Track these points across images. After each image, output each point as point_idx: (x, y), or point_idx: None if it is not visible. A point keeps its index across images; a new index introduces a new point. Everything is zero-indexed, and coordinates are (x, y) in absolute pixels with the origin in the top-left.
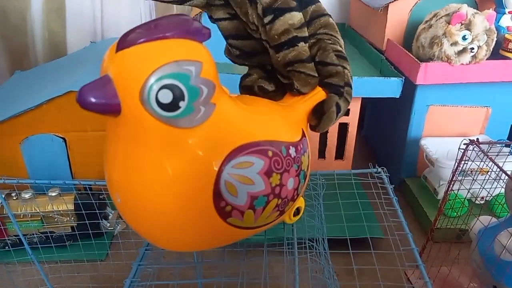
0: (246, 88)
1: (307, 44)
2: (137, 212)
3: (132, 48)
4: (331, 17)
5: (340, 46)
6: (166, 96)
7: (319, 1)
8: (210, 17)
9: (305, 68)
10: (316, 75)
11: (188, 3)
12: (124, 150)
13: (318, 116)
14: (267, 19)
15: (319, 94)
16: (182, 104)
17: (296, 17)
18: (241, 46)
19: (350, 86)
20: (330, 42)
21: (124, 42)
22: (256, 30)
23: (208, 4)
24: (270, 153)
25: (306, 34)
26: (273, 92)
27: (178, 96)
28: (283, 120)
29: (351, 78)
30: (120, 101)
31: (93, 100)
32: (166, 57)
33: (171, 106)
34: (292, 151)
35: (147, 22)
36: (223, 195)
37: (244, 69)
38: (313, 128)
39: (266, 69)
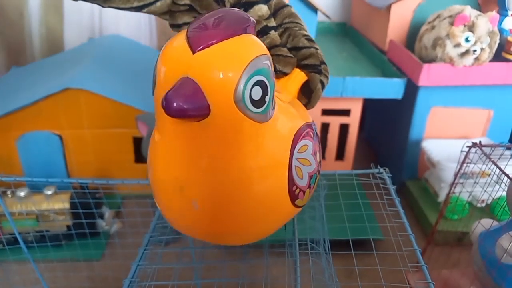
0: None
1: (277, 33)
2: (219, 215)
3: (212, 48)
4: (292, 7)
5: (306, 31)
6: (257, 93)
7: None
8: (173, 25)
9: (281, 51)
10: (293, 56)
11: (146, 9)
12: (208, 153)
13: (307, 95)
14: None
15: (299, 76)
16: (267, 99)
17: (263, 8)
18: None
19: (325, 64)
20: (297, 28)
21: (200, 42)
22: None
23: (171, 11)
24: (312, 134)
25: (274, 24)
26: None
27: (264, 91)
28: (298, 103)
29: (324, 57)
30: (210, 103)
31: (185, 106)
32: (249, 54)
33: (260, 102)
34: (315, 128)
35: (204, 16)
36: (294, 180)
37: None
38: (304, 106)
39: None
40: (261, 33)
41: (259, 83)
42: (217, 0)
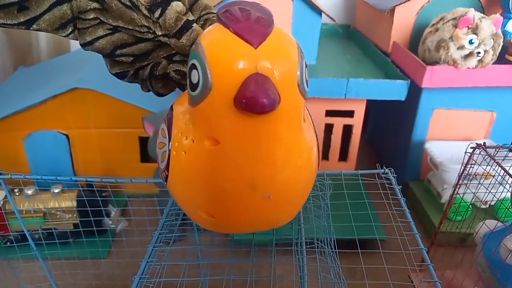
0: (161, 77)
1: (199, 25)
2: (288, 198)
3: (268, 41)
4: None
5: None
6: (307, 73)
7: None
8: (85, 44)
9: None
10: None
11: (35, 25)
12: (279, 143)
13: None
14: (156, 14)
15: None
16: (307, 77)
17: (180, 4)
18: (133, 51)
19: None
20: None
21: (258, 37)
22: (148, 31)
23: (79, 29)
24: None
25: (193, 17)
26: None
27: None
28: None
29: None
30: (280, 93)
31: (266, 102)
32: (294, 40)
33: (307, 81)
34: None
35: (229, 11)
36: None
37: None
38: None
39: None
40: (185, 28)
41: (306, 63)
42: (130, 6)
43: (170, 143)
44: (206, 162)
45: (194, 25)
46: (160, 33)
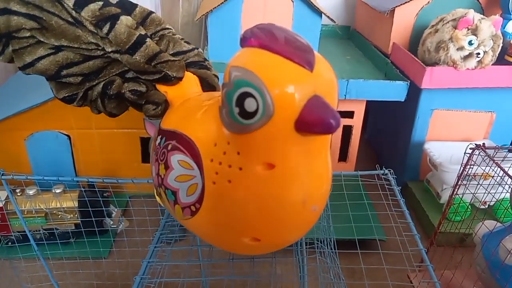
0: (115, 96)
1: (154, 41)
2: (322, 209)
3: (318, 64)
4: (155, 12)
5: (178, 35)
6: None
7: (138, 4)
8: (24, 66)
9: (167, 56)
10: (179, 59)
11: None
12: (324, 159)
13: (213, 90)
14: (105, 29)
15: (192, 78)
16: None
17: (129, 19)
18: (82, 70)
19: (208, 60)
20: (172, 34)
21: (311, 61)
22: (97, 48)
23: (14, 50)
24: None
25: (145, 32)
26: (146, 93)
27: None
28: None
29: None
30: None
31: (333, 123)
32: (328, 61)
33: None
34: None
35: (273, 36)
36: None
37: None
38: None
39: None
40: (138, 43)
41: None
42: (73, 22)
43: (203, 175)
44: (258, 187)
45: (148, 40)
46: (110, 50)
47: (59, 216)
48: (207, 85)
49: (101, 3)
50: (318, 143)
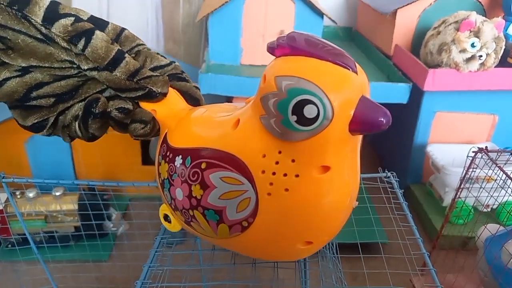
0: (101, 115)
1: (131, 57)
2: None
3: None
4: (127, 29)
5: (151, 49)
6: None
7: (109, 21)
8: None
9: (149, 72)
10: (160, 74)
11: None
12: (358, 156)
13: (197, 104)
14: (80, 45)
15: (173, 92)
16: None
17: (104, 35)
18: (54, 90)
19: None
20: (147, 49)
21: (354, 64)
22: (71, 66)
23: None
24: None
25: (120, 48)
26: (132, 110)
27: None
28: None
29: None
30: None
31: (384, 120)
32: None
33: None
34: None
35: (320, 47)
36: None
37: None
38: None
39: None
40: (118, 59)
41: None
42: (43, 39)
43: (256, 188)
44: (315, 192)
45: (127, 55)
46: (86, 67)
47: (59, 219)
48: (190, 98)
49: (72, 18)
50: (358, 141)
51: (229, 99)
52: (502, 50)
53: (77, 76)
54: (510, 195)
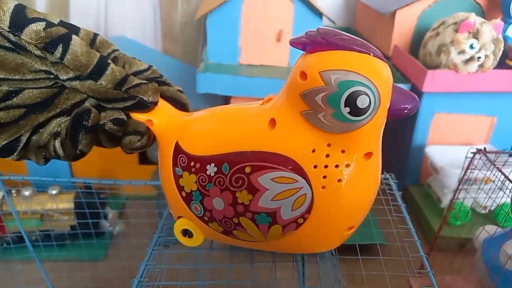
0: (92, 129)
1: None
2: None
3: None
4: (99, 35)
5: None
6: None
7: (79, 27)
8: None
9: (137, 80)
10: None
11: None
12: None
13: (185, 109)
14: (57, 53)
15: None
16: None
17: (81, 40)
18: (24, 101)
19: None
20: (123, 54)
21: (383, 56)
22: (48, 76)
23: None
24: None
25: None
26: (127, 121)
27: None
28: None
29: None
30: None
31: (417, 105)
32: None
33: None
34: None
35: (352, 42)
36: None
37: (250, 70)
38: None
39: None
40: (102, 66)
41: None
42: (12, 48)
43: (311, 183)
44: (363, 178)
45: (110, 62)
46: (66, 77)
47: (55, 218)
48: (176, 103)
49: (43, 23)
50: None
51: (227, 99)
52: (501, 52)
53: (52, 87)
54: (508, 196)
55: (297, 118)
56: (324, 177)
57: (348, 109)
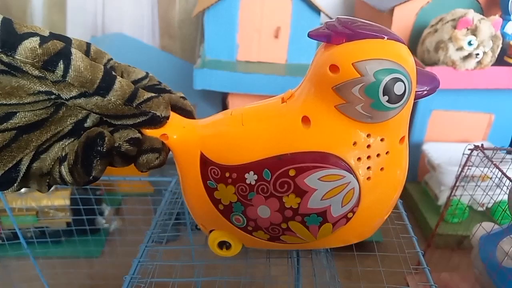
0: (109, 153)
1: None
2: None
3: None
4: (92, 44)
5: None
6: None
7: (70, 37)
8: None
9: (146, 93)
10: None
11: None
12: None
13: (191, 116)
14: (59, 71)
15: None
16: None
17: (80, 52)
18: (15, 125)
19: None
20: (118, 62)
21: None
22: (48, 97)
23: None
24: None
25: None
26: (141, 139)
27: None
28: None
29: None
30: None
31: (438, 85)
32: None
33: None
34: None
35: (375, 29)
36: None
37: (253, 66)
38: None
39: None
40: (108, 81)
41: None
42: (7, 70)
43: (357, 176)
44: (400, 162)
45: (115, 74)
46: (69, 96)
47: (51, 214)
48: (182, 111)
49: (37, 38)
50: None
51: (224, 95)
52: (499, 49)
53: (47, 106)
54: (505, 193)
55: (332, 112)
56: (368, 168)
57: (386, 98)
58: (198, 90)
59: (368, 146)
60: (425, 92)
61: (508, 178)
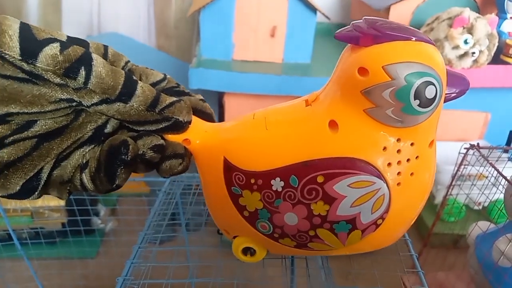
0: (133, 161)
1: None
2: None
3: None
4: (110, 47)
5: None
6: None
7: (86, 40)
8: None
9: (168, 97)
10: (180, 98)
11: None
12: None
13: (211, 119)
14: (81, 78)
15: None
16: None
17: (100, 57)
18: (35, 133)
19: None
20: (136, 65)
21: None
22: (70, 105)
23: None
24: None
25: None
26: (165, 144)
27: None
28: None
29: None
30: None
31: (468, 88)
32: None
33: None
34: None
35: (398, 29)
36: None
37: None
38: None
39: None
40: (130, 87)
41: None
42: (28, 79)
43: (387, 182)
44: (430, 166)
45: (136, 79)
46: (90, 102)
47: (46, 215)
48: (201, 114)
49: (57, 44)
50: None
51: (220, 95)
52: (495, 47)
53: (68, 113)
54: (501, 192)
55: (360, 116)
56: (398, 173)
57: (417, 102)
58: (194, 89)
59: (398, 151)
60: (454, 94)
61: (504, 177)
